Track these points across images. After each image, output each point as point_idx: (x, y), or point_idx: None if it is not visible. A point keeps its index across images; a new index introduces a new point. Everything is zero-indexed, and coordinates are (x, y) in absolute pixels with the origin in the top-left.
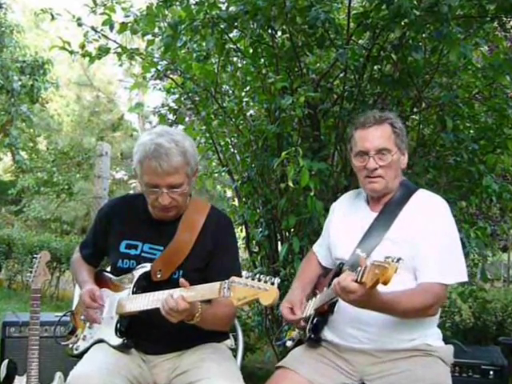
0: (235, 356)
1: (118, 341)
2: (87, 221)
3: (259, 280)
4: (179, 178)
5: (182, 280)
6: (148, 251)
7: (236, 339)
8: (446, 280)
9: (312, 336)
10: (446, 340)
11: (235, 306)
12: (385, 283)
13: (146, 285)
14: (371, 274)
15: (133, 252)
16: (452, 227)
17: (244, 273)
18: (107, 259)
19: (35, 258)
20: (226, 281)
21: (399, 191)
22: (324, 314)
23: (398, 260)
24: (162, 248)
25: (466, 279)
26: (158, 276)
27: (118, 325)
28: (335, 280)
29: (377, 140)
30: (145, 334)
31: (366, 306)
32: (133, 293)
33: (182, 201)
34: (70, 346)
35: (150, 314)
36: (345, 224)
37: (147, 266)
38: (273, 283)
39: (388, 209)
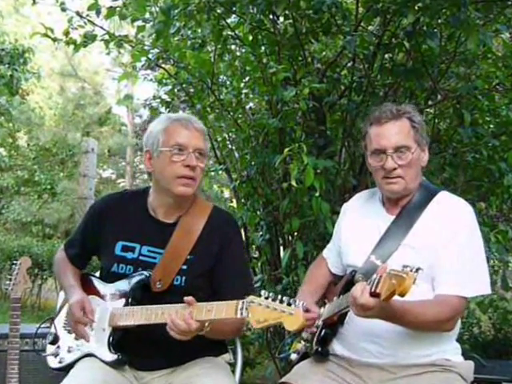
0: (233, 371)
1: (111, 357)
2: (71, 223)
3: (281, 302)
4: (204, 143)
5: (187, 298)
6: (147, 254)
7: (235, 353)
8: (466, 292)
9: (319, 349)
10: (463, 354)
11: (255, 328)
12: (402, 295)
13: (143, 295)
14: (387, 285)
15: (129, 255)
16: (476, 235)
17: (263, 292)
18: (96, 263)
19: (15, 264)
20: (244, 300)
21: (419, 193)
22: (333, 326)
23: (417, 270)
24: (162, 251)
25: (488, 291)
26: (159, 286)
27: (111, 338)
28: (351, 295)
29: (394, 137)
30: (138, 349)
31: (376, 316)
32: (128, 304)
33: (199, 178)
34: (52, 357)
35: (146, 328)
36: (358, 228)
37: (145, 274)
38: (297, 306)
39: (406, 212)
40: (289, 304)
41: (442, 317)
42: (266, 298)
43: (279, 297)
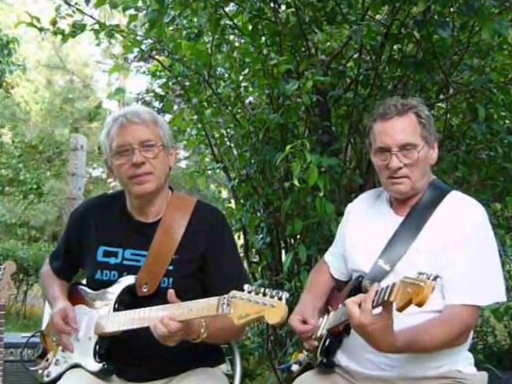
0: (231, 383)
1: (96, 366)
2: (59, 226)
3: (264, 294)
4: (149, 132)
5: (170, 291)
6: (130, 258)
7: (233, 364)
8: (477, 301)
9: (324, 360)
10: (477, 365)
11: (236, 324)
12: (419, 305)
13: (129, 300)
14: (401, 293)
15: (112, 261)
16: (488, 237)
17: (246, 286)
18: (82, 271)
19: None
20: (226, 296)
21: (429, 192)
22: (338, 335)
23: (436, 278)
24: (146, 253)
25: (503, 299)
26: (145, 290)
27: (97, 347)
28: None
29: (399, 134)
30: (127, 358)
31: (379, 345)
32: (114, 310)
33: (158, 170)
34: (40, 371)
35: (134, 335)
36: (364, 230)
37: (131, 279)
38: (280, 298)
39: (416, 213)
40: (272, 296)
41: (453, 335)
42: (249, 292)
43: (262, 289)
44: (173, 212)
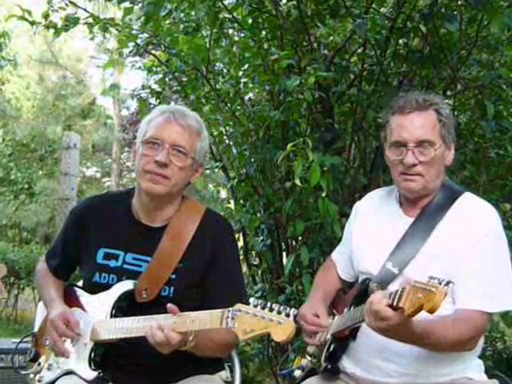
0: None
1: (92, 374)
2: (51, 227)
3: (271, 310)
4: (187, 140)
5: (169, 305)
6: (132, 262)
7: (232, 371)
8: (489, 307)
9: (329, 366)
10: (486, 372)
11: (240, 340)
12: (431, 311)
13: (127, 306)
14: (411, 299)
15: (113, 264)
16: (501, 242)
17: (252, 299)
18: (79, 271)
19: None
20: (230, 309)
21: (440, 194)
22: (343, 340)
23: (448, 283)
24: (149, 259)
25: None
26: (144, 296)
27: (93, 354)
28: (368, 300)
29: (418, 130)
30: (123, 366)
31: (394, 336)
32: (111, 316)
33: (176, 179)
34: (32, 375)
35: (131, 342)
36: (372, 230)
37: (130, 284)
38: (288, 315)
39: (426, 215)
40: (279, 312)
41: (464, 337)
42: (255, 306)
43: (269, 304)
44: (181, 218)
